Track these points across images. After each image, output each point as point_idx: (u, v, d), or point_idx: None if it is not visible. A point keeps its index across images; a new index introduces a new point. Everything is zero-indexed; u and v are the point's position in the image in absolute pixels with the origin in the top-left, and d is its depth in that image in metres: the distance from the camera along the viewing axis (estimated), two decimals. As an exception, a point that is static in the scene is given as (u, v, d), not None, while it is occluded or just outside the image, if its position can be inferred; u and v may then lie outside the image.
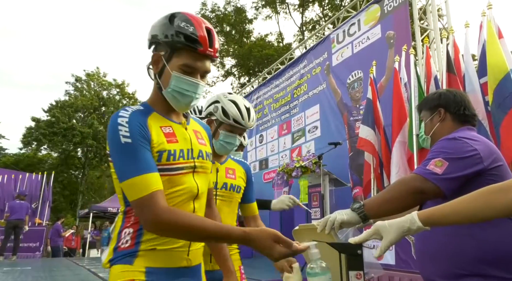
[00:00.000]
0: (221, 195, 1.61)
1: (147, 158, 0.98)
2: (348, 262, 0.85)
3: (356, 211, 1.22)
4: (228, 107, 1.56)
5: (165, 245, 1.03)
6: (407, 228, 0.96)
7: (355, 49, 6.82)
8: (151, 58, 1.09)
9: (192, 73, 1.06)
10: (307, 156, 6.31)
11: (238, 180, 1.69)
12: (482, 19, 3.91)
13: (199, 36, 1.03)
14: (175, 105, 1.09)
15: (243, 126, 1.59)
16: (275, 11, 21.57)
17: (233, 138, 1.60)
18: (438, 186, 1.19)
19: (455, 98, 1.44)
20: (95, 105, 28.52)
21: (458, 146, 1.25)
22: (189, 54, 1.04)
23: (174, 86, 1.05)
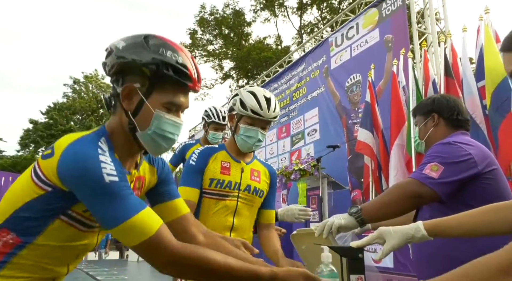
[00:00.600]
0: (243, 198, 1.55)
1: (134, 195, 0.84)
2: (349, 266, 0.85)
3: (353, 215, 1.23)
4: (246, 99, 1.48)
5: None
6: (411, 236, 0.97)
7: (354, 52, 6.85)
8: (122, 90, 0.88)
9: (175, 111, 0.91)
10: (305, 159, 6.32)
11: (262, 184, 1.61)
12: (479, 23, 3.95)
13: (189, 68, 0.89)
14: (152, 149, 0.92)
15: (263, 117, 1.48)
16: (273, 14, 21.65)
17: (254, 132, 1.50)
18: (435, 190, 1.21)
19: (448, 103, 1.46)
20: (93, 107, 28.48)
21: (453, 150, 1.27)
22: (175, 90, 0.89)
23: (155, 128, 0.88)
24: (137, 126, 0.89)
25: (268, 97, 1.50)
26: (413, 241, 0.98)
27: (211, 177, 1.50)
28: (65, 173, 0.80)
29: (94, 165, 0.79)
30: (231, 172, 1.53)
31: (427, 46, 5.40)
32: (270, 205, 1.65)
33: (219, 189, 1.50)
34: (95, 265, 8.62)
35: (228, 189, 1.51)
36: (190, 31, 22.40)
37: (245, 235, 1.54)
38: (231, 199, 1.51)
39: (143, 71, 0.86)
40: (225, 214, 1.50)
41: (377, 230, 1.00)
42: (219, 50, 22.97)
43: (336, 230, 1.19)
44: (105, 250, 14.23)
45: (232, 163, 1.56)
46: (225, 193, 1.51)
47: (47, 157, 0.84)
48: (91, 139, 0.86)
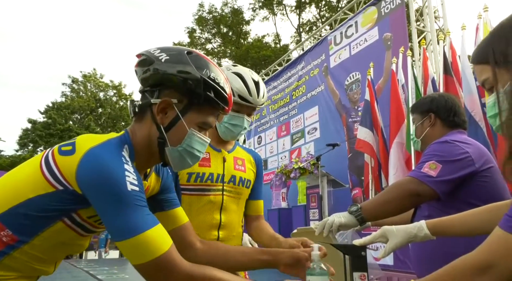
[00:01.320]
0: (228, 191, 1.37)
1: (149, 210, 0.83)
2: (352, 263, 0.87)
3: (353, 214, 1.25)
4: (233, 82, 1.28)
5: None
6: (413, 235, 0.99)
7: (353, 51, 6.86)
8: (159, 103, 0.86)
9: (204, 130, 0.92)
10: (305, 158, 6.34)
11: (248, 173, 1.44)
12: (478, 22, 3.96)
13: (228, 93, 0.90)
14: (178, 165, 0.92)
15: (251, 104, 1.31)
16: (272, 12, 21.62)
17: (240, 119, 1.33)
18: (433, 188, 1.22)
19: (446, 104, 1.47)
20: (92, 107, 28.46)
21: (450, 149, 1.29)
22: (211, 112, 0.90)
23: (186, 145, 0.89)
24: (168, 141, 0.88)
25: (256, 81, 1.33)
26: (416, 240, 0.99)
27: (188, 171, 1.29)
28: (85, 175, 0.77)
29: (118, 172, 0.77)
30: (212, 163, 1.34)
31: (426, 44, 5.41)
32: (258, 195, 1.49)
33: (199, 183, 1.31)
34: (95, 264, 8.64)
35: (210, 183, 1.32)
36: (189, 30, 22.38)
37: (234, 232, 1.39)
38: (215, 193, 1.33)
39: (185, 88, 0.85)
40: (210, 211, 1.32)
41: (380, 228, 1.02)
42: (217, 48, 22.95)
43: (336, 228, 1.20)
44: (105, 249, 14.25)
45: (211, 152, 1.36)
46: (207, 187, 1.32)
47: (66, 154, 0.80)
48: (116, 145, 0.84)
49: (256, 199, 1.49)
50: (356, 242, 0.94)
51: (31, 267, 0.83)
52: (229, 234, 1.35)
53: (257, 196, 1.49)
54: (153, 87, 0.88)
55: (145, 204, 0.80)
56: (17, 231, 0.79)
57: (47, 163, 0.81)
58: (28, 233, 0.80)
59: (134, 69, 0.93)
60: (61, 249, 0.87)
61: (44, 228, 0.80)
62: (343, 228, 1.24)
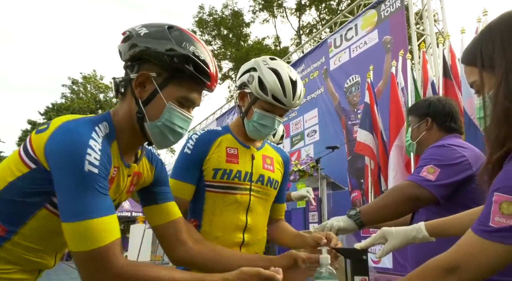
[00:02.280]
0: (256, 191, 1.27)
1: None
2: (353, 267, 0.87)
3: (352, 218, 1.25)
4: (267, 78, 1.18)
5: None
6: (412, 237, 0.99)
7: (353, 53, 6.87)
8: (136, 77, 0.86)
9: (187, 107, 0.90)
10: (305, 160, 6.34)
11: (276, 173, 1.35)
12: (477, 25, 3.97)
13: (209, 67, 0.88)
14: (159, 141, 0.90)
15: (285, 106, 1.22)
16: (272, 14, 21.67)
17: (271, 120, 1.22)
18: (432, 192, 1.23)
19: (443, 109, 1.48)
20: (92, 108, 28.44)
21: (448, 153, 1.30)
22: (192, 86, 0.88)
23: (165, 120, 0.86)
24: (147, 116, 0.86)
25: (294, 80, 1.21)
26: (415, 242, 1.00)
27: (215, 167, 1.21)
28: (50, 148, 0.74)
29: (80, 147, 0.73)
30: (240, 160, 1.25)
31: (426, 47, 5.42)
32: (282, 198, 1.42)
33: (226, 180, 1.22)
34: (94, 266, 8.61)
35: (237, 181, 1.23)
36: (189, 32, 22.38)
37: (259, 236, 1.29)
38: (242, 192, 1.24)
39: (163, 62, 0.83)
40: (236, 211, 1.22)
41: (380, 230, 1.02)
42: (218, 50, 22.98)
43: (335, 232, 1.21)
44: None
45: (240, 149, 1.28)
46: (234, 186, 1.23)
47: (40, 132, 0.79)
48: (92, 121, 0.81)
49: (281, 202, 1.42)
50: (358, 246, 0.95)
51: (28, 260, 0.82)
52: (254, 237, 1.26)
53: (282, 200, 1.43)
54: (133, 61, 0.87)
55: (102, 189, 0.76)
56: (4, 221, 0.78)
57: (24, 145, 0.81)
58: (15, 222, 0.79)
59: (118, 48, 0.91)
60: (53, 238, 0.84)
61: (29, 215, 0.79)
62: (342, 232, 1.24)
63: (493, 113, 0.68)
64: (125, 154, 0.90)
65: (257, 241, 1.29)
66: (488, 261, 0.64)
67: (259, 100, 1.22)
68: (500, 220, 0.62)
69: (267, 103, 1.21)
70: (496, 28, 0.71)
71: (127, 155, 0.91)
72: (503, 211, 0.61)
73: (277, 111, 1.23)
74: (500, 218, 0.62)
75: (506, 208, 0.61)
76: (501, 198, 0.62)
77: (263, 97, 1.19)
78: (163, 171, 1.07)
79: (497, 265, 0.64)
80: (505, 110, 0.66)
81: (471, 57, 0.76)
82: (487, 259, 0.64)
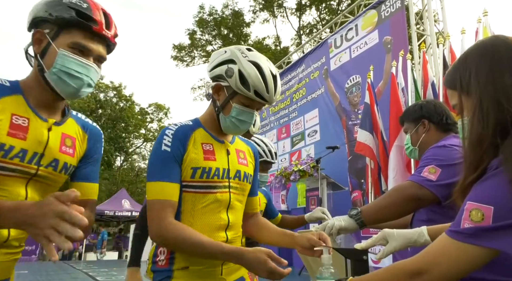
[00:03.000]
0: (234, 187, 1.21)
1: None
2: (353, 267, 0.87)
3: (353, 217, 1.25)
4: (249, 72, 1.12)
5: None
6: (414, 240, 1.00)
7: (353, 54, 6.88)
8: (32, 36, 0.95)
9: (84, 55, 0.95)
10: (305, 160, 6.34)
11: (250, 167, 1.30)
12: (477, 26, 3.98)
13: (94, 13, 0.95)
14: (61, 89, 0.94)
15: (267, 101, 1.17)
16: (272, 14, 21.67)
17: (249, 115, 1.18)
18: (434, 192, 1.23)
19: (436, 108, 1.50)
20: (92, 108, 28.45)
21: (449, 153, 1.30)
22: (81, 33, 0.94)
23: (60, 66, 0.92)
24: (44, 66, 0.93)
25: (274, 75, 1.17)
26: (416, 246, 1.00)
27: (193, 166, 1.13)
28: None
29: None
30: (216, 156, 1.18)
31: (426, 47, 5.43)
32: (255, 191, 1.36)
33: (205, 179, 1.14)
34: (95, 266, 8.62)
35: (216, 179, 1.16)
36: (189, 32, 22.43)
37: (239, 232, 1.26)
38: (221, 191, 1.17)
39: (50, 18, 0.93)
40: (217, 210, 1.16)
41: (381, 231, 1.03)
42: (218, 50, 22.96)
43: (336, 232, 1.21)
44: (100, 250, 14.18)
45: (215, 144, 1.20)
46: (213, 184, 1.16)
47: None
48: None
49: (254, 195, 1.35)
50: (358, 246, 0.95)
51: None
52: (235, 234, 1.23)
53: (255, 193, 1.36)
54: (31, 28, 0.97)
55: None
56: None
57: None
58: None
59: None
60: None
61: None
62: (343, 232, 1.24)
63: (469, 137, 0.72)
64: (38, 107, 0.96)
65: (237, 238, 1.26)
66: (459, 262, 0.66)
67: (239, 95, 1.15)
68: (469, 226, 0.66)
69: (247, 98, 1.14)
70: (471, 56, 0.76)
71: (42, 109, 0.97)
72: (472, 218, 0.66)
73: (255, 106, 1.19)
74: (469, 224, 0.66)
75: (474, 215, 0.66)
76: (471, 206, 0.67)
77: (244, 92, 1.13)
78: (98, 144, 1.10)
79: (468, 267, 0.67)
80: (478, 135, 0.70)
81: (452, 81, 0.80)
82: (458, 259, 0.66)
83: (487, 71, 0.71)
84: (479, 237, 0.65)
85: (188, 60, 23.64)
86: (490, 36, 0.77)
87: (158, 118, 31.53)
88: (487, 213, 0.64)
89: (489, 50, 0.74)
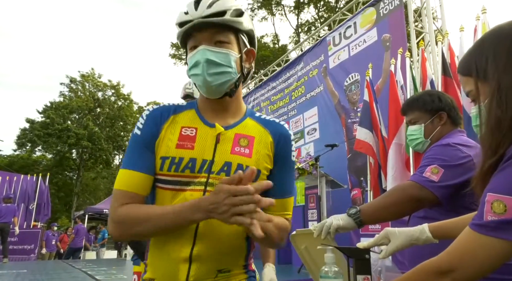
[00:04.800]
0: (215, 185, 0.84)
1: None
2: (356, 266, 0.87)
3: (352, 216, 1.23)
4: None
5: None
6: (416, 238, 0.99)
7: (352, 51, 6.87)
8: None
9: None
10: (304, 158, 6.34)
11: (256, 157, 0.93)
12: (476, 23, 3.98)
13: None
14: None
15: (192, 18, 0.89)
16: (270, 12, 21.63)
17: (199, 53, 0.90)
18: (435, 194, 1.21)
19: (452, 102, 1.47)
20: (90, 106, 28.38)
21: (453, 153, 1.28)
22: None
23: None
24: None
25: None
26: (418, 243, 0.99)
27: (162, 155, 0.89)
28: None
29: None
30: (197, 143, 0.90)
31: (425, 45, 5.43)
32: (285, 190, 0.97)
33: (173, 173, 0.88)
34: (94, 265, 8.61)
35: (189, 173, 0.88)
36: (187, 30, 22.33)
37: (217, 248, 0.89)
38: (194, 188, 0.88)
39: None
40: None
41: (383, 230, 1.02)
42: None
43: (334, 231, 1.19)
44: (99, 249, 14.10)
45: (200, 128, 0.92)
46: (185, 180, 0.89)
47: None
48: None
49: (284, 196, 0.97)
50: (360, 245, 0.95)
51: None
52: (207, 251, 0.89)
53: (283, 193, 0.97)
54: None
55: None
56: None
57: None
58: None
59: None
60: None
61: None
62: (341, 231, 1.23)
63: (486, 122, 0.72)
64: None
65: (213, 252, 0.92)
66: (485, 257, 0.65)
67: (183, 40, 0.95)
68: (492, 218, 0.64)
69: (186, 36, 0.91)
70: (488, 41, 0.75)
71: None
72: (495, 210, 0.64)
73: (199, 38, 0.90)
74: (492, 216, 0.64)
75: (497, 207, 0.64)
76: (492, 198, 0.65)
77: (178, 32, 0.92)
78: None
79: (495, 261, 0.65)
80: (497, 119, 0.69)
81: (466, 68, 0.79)
82: (484, 254, 0.65)
83: (506, 55, 0.70)
84: (503, 230, 0.63)
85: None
86: (508, 21, 0.76)
87: (156, 117, 31.40)
88: (509, 204, 0.62)
89: (506, 34, 0.73)
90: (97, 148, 26.34)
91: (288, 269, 5.13)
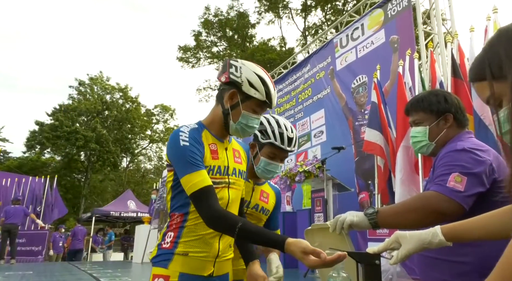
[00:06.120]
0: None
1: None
2: (365, 272, 0.83)
3: (368, 216, 1.17)
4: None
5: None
6: (428, 241, 0.94)
7: (359, 53, 6.81)
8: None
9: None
10: (310, 161, 6.29)
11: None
12: (487, 23, 3.90)
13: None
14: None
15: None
16: (277, 15, 21.66)
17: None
18: (462, 204, 1.13)
19: (458, 103, 1.41)
20: (98, 109, 28.62)
21: (471, 158, 1.19)
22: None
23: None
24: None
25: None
26: (430, 247, 0.94)
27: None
28: None
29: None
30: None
31: (433, 47, 5.35)
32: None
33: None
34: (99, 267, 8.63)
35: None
36: (195, 33, 22.49)
37: None
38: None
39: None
40: None
41: (393, 234, 0.97)
42: (223, 52, 23.01)
43: (347, 227, 1.13)
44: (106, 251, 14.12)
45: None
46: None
47: None
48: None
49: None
50: (370, 250, 0.90)
51: None
52: None
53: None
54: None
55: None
56: None
57: None
58: None
59: None
60: None
61: None
62: (354, 227, 1.17)
63: None
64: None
65: None
66: None
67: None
68: None
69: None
70: (498, 42, 0.71)
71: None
72: None
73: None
74: None
75: None
76: None
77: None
78: None
79: None
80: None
81: (479, 71, 0.74)
82: None
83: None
84: None
85: (193, 62, 23.72)
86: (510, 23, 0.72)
87: (164, 119, 31.66)
88: None
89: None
90: (104, 150, 26.52)
91: (294, 273, 5.06)
